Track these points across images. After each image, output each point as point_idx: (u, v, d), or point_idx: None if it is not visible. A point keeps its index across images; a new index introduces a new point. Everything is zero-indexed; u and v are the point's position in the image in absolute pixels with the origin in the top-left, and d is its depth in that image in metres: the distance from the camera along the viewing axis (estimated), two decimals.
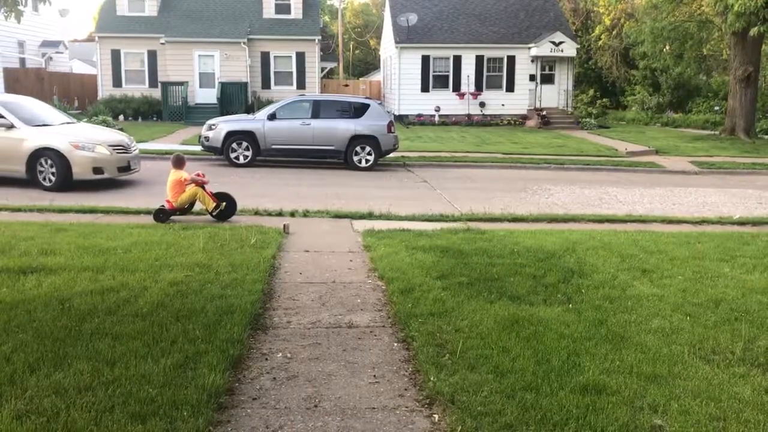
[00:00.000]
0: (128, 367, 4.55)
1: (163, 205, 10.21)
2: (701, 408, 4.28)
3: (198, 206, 10.53)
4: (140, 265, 7.14)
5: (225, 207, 10.36)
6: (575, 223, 11.10)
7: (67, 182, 12.76)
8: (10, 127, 12.80)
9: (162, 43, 30.55)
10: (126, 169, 13.67)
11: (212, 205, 10.25)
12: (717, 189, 16.23)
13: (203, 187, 10.28)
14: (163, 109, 29.57)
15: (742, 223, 11.51)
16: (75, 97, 32.69)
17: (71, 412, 3.91)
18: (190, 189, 10.17)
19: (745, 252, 8.81)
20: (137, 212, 10.68)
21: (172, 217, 10.15)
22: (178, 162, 10.50)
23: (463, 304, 6.17)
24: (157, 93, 30.16)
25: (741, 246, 9.22)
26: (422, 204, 12.73)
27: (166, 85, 29.60)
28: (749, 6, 22.53)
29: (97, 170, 12.96)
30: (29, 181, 12.86)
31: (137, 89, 30.86)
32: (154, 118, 29.80)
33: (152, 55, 31.36)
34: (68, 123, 14.29)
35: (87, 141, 13.00)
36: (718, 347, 5.34)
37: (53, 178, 12.73)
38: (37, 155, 12.71)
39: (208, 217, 10.40)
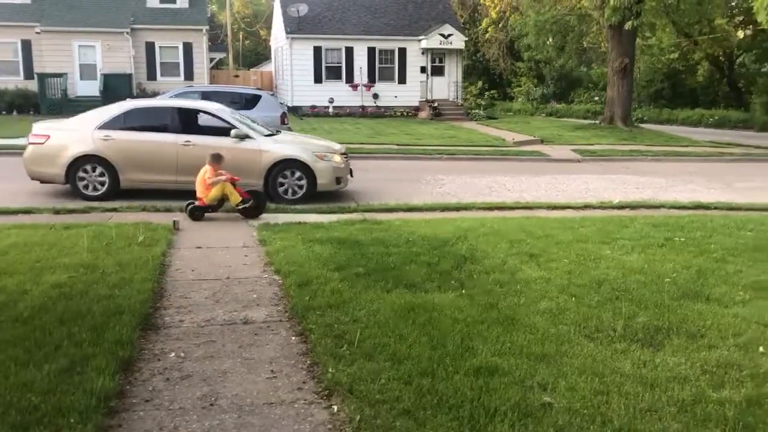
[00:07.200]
0: (8, 376, 4.31)
1: (193, 201, 10.12)
2: (586, 384, 4.50)
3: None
4: (19, 268, 6.75)
5: (254, 204, 10.32)
6: (467, 211, 11.38)
7: (310, 194, 11.80)
8: (244, 137, 11.60)
9: (37, 33, 28.82)
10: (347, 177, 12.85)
11: (238, 199, 10.17)
12: (598, 176, 17.04)
13: (233, 184, 10.23)
14: (40, 103, 27.77)
15: (621, 207, 12.13)
16: None
17: None
18: (219, 185, 10.07)
19: (624, 234, 9.30)
20: (16, 212, 10.05)
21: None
22: (215, 159, 10.28)
23: (360, 295, 6.20)
24: (33, 85, 28.38)
25: (620, 229, 9.71)
26: (317, 196, 12.66)
27: (43, 77, 27.91)
28: (624, 1, 23.91)
29: (338, 180, 12.13)
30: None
31: (11, 81, 28.86)
32: (31, 112, 27.92)
33: (26, 45, 29.52)
34: (281, 132, 13.42)
35: (324, 150, 12.19)
36: (601, 325, 5.63)
37: (299, 191, 11.77)
38: (276, 167, 11.66)
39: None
